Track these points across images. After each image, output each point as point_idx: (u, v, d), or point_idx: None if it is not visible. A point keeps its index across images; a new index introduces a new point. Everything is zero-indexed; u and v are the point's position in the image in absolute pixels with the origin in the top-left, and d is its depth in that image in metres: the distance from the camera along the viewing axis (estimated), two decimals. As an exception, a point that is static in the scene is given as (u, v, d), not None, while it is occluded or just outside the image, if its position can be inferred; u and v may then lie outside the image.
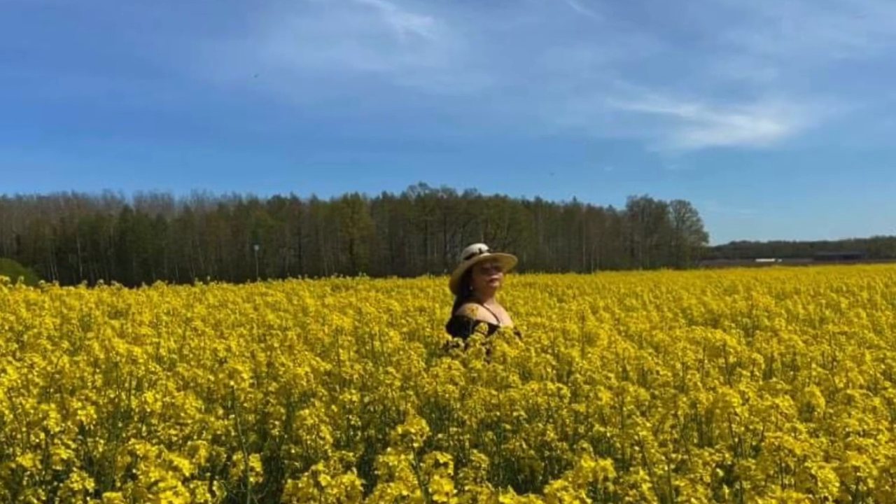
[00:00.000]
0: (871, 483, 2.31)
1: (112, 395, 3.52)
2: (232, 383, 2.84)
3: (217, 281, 23.79)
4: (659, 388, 3.93)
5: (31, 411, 3.12)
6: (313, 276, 40.29)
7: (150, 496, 1.97)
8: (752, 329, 7.67)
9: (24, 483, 2.92)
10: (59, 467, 3.00)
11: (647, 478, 2.70)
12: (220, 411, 3.91)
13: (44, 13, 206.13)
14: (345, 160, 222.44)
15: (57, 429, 3.03)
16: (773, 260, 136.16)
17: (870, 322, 7.26)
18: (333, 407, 3.88)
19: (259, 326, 6.88)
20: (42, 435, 3.04)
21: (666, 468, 2.88)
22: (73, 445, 3.15)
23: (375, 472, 2.37)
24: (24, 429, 3.14)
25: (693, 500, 2.66)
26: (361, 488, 2.43)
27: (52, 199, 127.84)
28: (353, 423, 3.93)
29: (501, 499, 1.96)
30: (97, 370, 3.78)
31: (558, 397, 3.71)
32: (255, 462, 3.09)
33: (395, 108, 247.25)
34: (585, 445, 3.43)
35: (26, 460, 2.92)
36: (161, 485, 1.98)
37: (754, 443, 3.07)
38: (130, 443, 2.60)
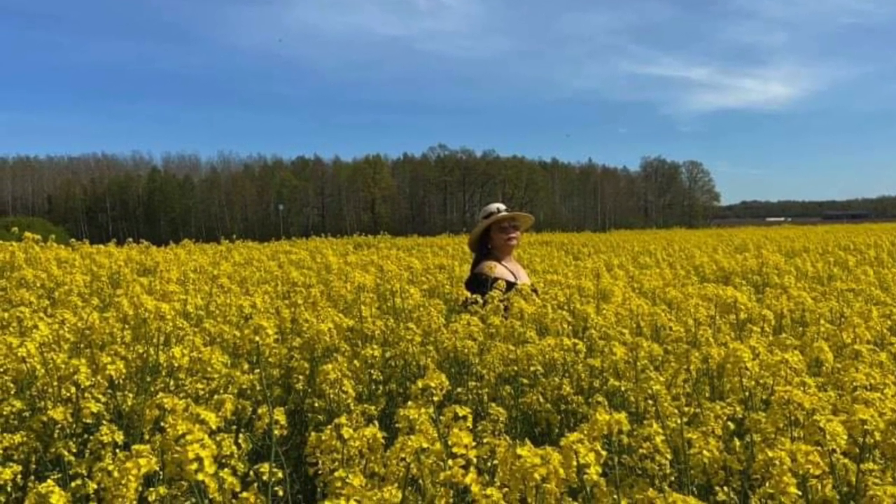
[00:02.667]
0: (877, 436, 2.33)
1: (140, 351, 3.54)
2: (257, 339, 2.87)
3: (243, 239, 23.98)
4: (672, 344, 3.93)
5: (62, 366, 3.15)
6: (336, 234, 40.24)
7: (178, 448, 1.97)
8: (762, 286, 7.65)
9: (56, 436, 2.94)
10: (89, 420, 3.02)
11: (660, 431, 2.71)
12: (246, 366, 3.96)
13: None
14: (367, 122, 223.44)
15: (87, 383, 3.06)
16: (782, 219, 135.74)
17: (877, 279, 7.25)
18: (356, 362, 3.90)
19: (283, 283, 6.90)
20: (73, 389, 3.07)
21: (679, 421, 2.91)
22: (103, 399, 3.17)
23: (396, 425, 2.38)
24: (55, 383, 3.16)
25: (705, 452, 2.70)
26: (383, 441, 2.47)
27: (82, 159, 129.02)
28: (374, 377, 3.95)
29: (519, 451, 1.98)
30: (126, 326, 3.80)
31: (574, 352, 3.74)
32: (280, 415, 3.13)
33: (415, 72, 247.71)
34: (600, 399, 3.46)
35: (57, 413, 2.95)
36: (188, 437, 1.98)
37: (764, 397, 3.09)
38: (158, 397, 2.61)
